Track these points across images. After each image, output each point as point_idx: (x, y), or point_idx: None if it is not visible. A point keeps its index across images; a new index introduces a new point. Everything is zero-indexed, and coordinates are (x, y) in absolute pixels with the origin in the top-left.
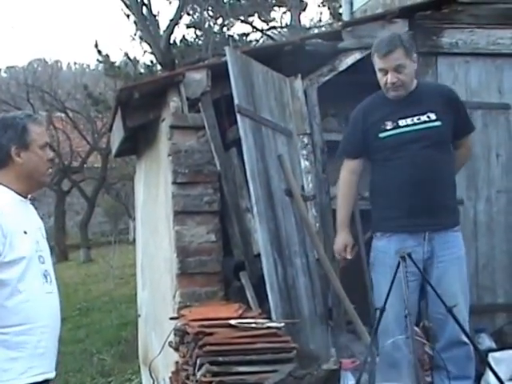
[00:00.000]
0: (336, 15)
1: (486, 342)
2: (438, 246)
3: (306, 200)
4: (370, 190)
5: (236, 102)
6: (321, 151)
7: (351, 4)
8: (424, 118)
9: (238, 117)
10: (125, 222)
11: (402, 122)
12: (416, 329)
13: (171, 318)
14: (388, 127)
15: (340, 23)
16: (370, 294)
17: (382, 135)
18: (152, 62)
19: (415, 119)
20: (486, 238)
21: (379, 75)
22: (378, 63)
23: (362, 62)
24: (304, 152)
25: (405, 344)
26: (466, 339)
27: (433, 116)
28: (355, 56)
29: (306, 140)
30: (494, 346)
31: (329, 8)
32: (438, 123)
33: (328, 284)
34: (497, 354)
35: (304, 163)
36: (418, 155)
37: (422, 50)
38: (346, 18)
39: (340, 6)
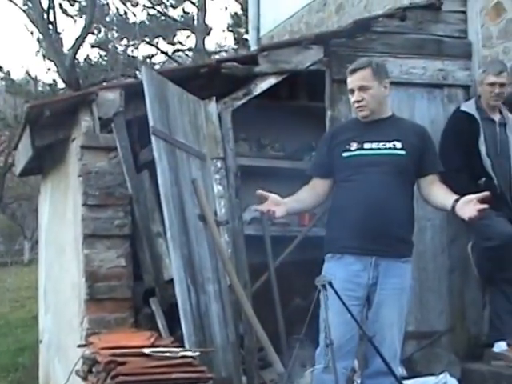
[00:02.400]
0: (241, 40)
1: (398, 370)
2: (382, 274)
3: (219, 225)
4: (328, 211)
5: (151, 123)
6: (234, 176)
7: (258, 30)
8: (389, 145)
9: (153, 139)
10: (19, 243)
11: (367, 145)
12: None
13: (79, 346)
14: (352, 148)
15: (253, 48)
16: (281, 321)
17: (344, 155)
18: (55, 80)
19: (380, 144)
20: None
21: (350, 96)
22: (347, 83)
23: (276, 87)
24: (217, 176)
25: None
26: (394, 369)
27: (398, 145)
28: (270, 81)
29: (219, 164)
30: (405, 373)
31: (233, 33)
32: (402, 152)
33: (240, 311)
34: (409, 382)
35: (217, 188)
36: (376, 180)
37: (337, 77)
38: (252, 43)
39: (246, 32)
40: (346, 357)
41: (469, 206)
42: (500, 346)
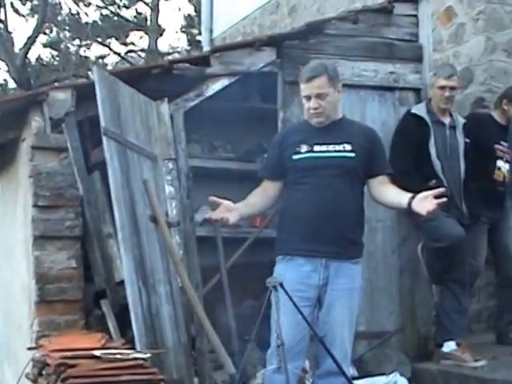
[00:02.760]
0: (194, 42)
1: (349, 370)
2: (333, 274)
3: (171, 226)
4: (279, 213)
5: (102, 124)
6: (185, 177)
7: (211, 31)
8: (339, 147)
9: (104, 139)
10: None
11: (316, 148)
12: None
13: (29, 348)
14: (302, 150)
15: (205, 49)
16: (233, 323)
17: (295, 157)
18: (5, 80)
19: (330, 147)
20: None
21: (303, 101)
22: (302, 89)
23: (228, 88)
24: (169, 177)
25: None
26: (345, 370)
27: (348, 147)
28: (222, 82)
29: (170, 165)
30: (356, 374)
31: (187, 34)
32: (351, 154)
33: (192, 312)
34: (360, 382)
35: (168, 189)
36: (326, 182)
37: (289, 78)
38: (205, 44)
39: (199, 33)
40: (296, 357)
41: (426, 202)
42: (449, 346)
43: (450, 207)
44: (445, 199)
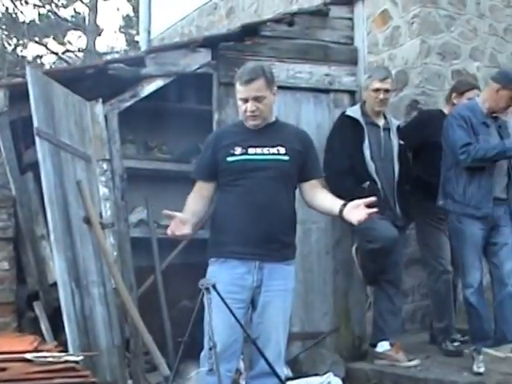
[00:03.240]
0: (132, 42)
1: (283, 370)
2: (267, 276)
3: (104, 228)
4: (212, 215)
5: (35, 124)
6: (120, 178)
7: (149, 32)
8: (273, 150)
9: (37, 140)
10: None
11: (251, 150)
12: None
13: None
14: (237, 152)
15: (143, 49)
16: (168, 324)
17: (229, 159)
18: None
19: (265, 150)
20: None
21: (239, 103)
22: (239, 91)
23: (163, 89)
24: (103, 178)
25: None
26: (278, 370)
27: (282, 150)
28: (157, 83)
29: (105, 166)
30: (290, 374)
31: (125, 35)
32: (285, 158)
33: (125, 314)
34: (294, 383)
35: (103, 190)
36: (260, 184)
37: (224, 80)
38: (143, 45)
39: (137, 34)
40: (230, 359)
41: (357, 210)
42: (383, 346)
43: (385, 209)
44: (375, 210)
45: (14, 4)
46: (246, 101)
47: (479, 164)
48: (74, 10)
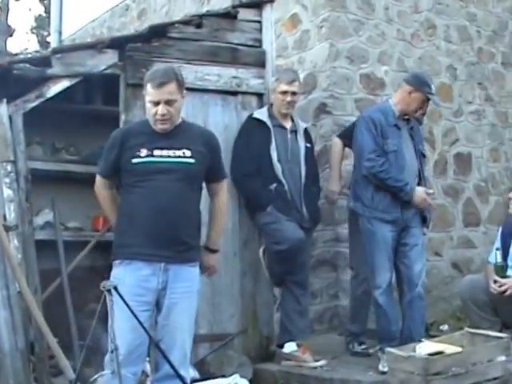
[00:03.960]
0: (44, 43)
1: (190, 372)
2: (172, 278)
3: (8, 230)
4: (117, 216)
5: None
6: (25, 179)
7: (60, 33)
8: (179, 153)
9: None
10: None
11: (156, 152)
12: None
13: None
14: (142, 154)
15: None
16: (74, 327)
17: (134, 161)
18: None
19: (170, 152)
20: None
21: (149, 105)
22: (150, 94)
23: (71, 90)
24: (7, 180)
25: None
26: (183, 372)
27: (188, 153)
28: (64, 83)
29: (9, 167)
30: (197, 376)
31: (37, 35)
32: (191, 161)
33: (30, 317)
34: None
35: (7, 191)
36: (166, 187)
37: (132, 81)
38: (54, 46)
39: (48, 35)
40: (136, 362)
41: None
42: (290, 347)
43: (291, 211)
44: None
45: None
46: (157, 104)
47: (374, 180)
48: None
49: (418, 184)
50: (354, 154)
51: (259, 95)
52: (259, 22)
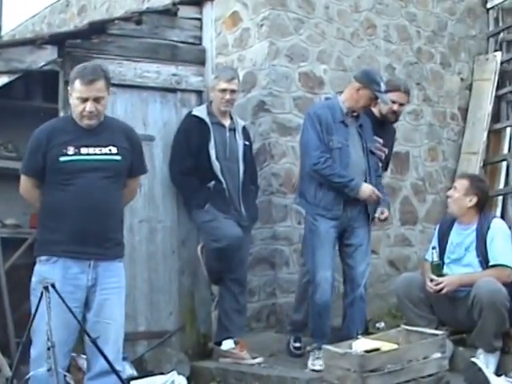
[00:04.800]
0: None
1: (128, 370)
2: (101, 274)
3: None
4: (40, 212)
5: None
6: None
7: None
8: (105, 150)
9: None
10: None
11: (83, 150)
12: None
13: None
14: (69, 152)
15: None
16: (11, 325)
17: (62, 159)
18: None
19: (97, 150)
20: (128, 267)
21: (76, 102)
22: (79, 91)
23: (10, 86)
24: None
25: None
26: (118, 367)
27: (114, 150)
28: (3, 79)
29: None
30: (135, 373)
31: None
32: (117, 158)
33: None
34: (138, 382)
35: None
36: (94, 185)
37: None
38: None
39: None
40: (64, 358)
41: None
42: (228, 344)
43: (229, 208)
44: None
45: None
46: (85, 100)
47: (318, 177)
48: None
49: (365, 181)
50: (300, 151)
51: (198, 93)
52: (199, 19)
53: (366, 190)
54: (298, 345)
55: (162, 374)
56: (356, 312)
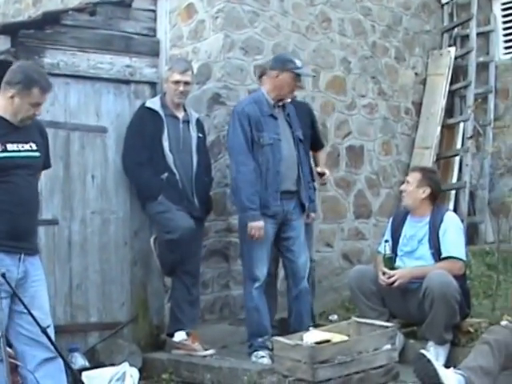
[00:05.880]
0: None
1: (79, 360)
2: (31, 267)
3: None
4: None
5: None
6: None
7: None
8: (27, 146)
9: None
10: None
11: (9, 147)
12: (9, 350)
13: None
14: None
15: None
16: None
17: None
18: None
19: (20, 146)
20: (79, 258)
21: (27, 106)
22: (37, 97)
23: None
24: None
25: None
26: (52, 355)
27: (34, 146)
28: None
29: None
30: (87, 364)
31: None
32: (37, 154)
33: None
34: (90, 373)
35: None
36: (22, 182)
37: None
38: None
39: None
40: None
41: None
42: (180, 336)
43: (182, 200)
44: None
45: None
46: (37, 105)
47: (235, 183)
48: None
49: (298, 173)
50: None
51: (152, 84)
52: (154, 11)
53: (255, 226)
54: None
55: (113, 365)
56: (302, 306)
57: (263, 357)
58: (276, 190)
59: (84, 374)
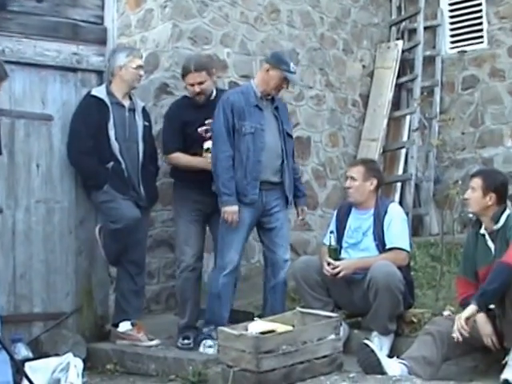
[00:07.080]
0: None
1: (23, 351)
2: None
3: None
4: None
5: None
6: None
7: None
8: None
9: None
10: None
11: None
12: None
13: None
14: None
15: None
16: None
17: None
18: None
19: None
20: (24, 247)
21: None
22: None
23: None
24: None
25: None
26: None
27: None
28: None
29: None
30: (30, 355)
31: None
32: None
33: None
34: (33, 363)
35: None
36: None
37: None
38: None
39: None
40: None
41: None
42: (125, 326)
43: (128, 189)
44: None
45: None
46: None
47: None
48: None
49: (282, 164)
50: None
51: (99, 73)
52: None
53: (229, 211)
54: (186, 341)
55: (57, 355)
56: (277, 297)
57: (210, 346)
58: (255, 179)
59: (27, 364)
